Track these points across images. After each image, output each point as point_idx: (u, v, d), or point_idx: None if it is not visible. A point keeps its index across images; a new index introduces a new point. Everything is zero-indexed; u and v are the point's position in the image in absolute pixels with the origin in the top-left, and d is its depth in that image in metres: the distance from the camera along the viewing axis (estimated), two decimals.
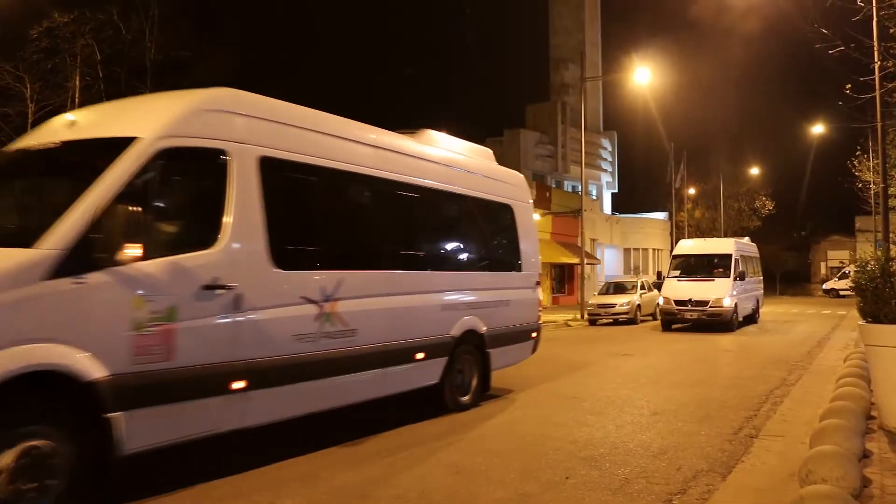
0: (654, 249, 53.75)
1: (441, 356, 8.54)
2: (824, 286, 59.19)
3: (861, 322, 7.42)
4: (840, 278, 55.33)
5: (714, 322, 21.34)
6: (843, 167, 33.80)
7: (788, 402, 9.08)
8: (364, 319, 7.16)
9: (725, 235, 56.61)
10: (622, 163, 59.05)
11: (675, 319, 22.16)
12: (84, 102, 26.95)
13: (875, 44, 14.17)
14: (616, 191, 59.62)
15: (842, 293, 52.46)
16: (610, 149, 57.55)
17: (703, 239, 30.22)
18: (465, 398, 9.00)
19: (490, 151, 11.10)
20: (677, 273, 23.46)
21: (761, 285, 27.91)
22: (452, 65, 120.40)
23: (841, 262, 57.45)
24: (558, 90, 54.51)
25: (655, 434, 7.55)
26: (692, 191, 56.71)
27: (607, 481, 5.80)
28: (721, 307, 21.28)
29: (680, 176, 48.11)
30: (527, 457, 6.68)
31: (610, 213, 55.37)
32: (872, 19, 14.23)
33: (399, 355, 7.76)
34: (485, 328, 9.28)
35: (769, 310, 35.96)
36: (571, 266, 42.51)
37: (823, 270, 69.38)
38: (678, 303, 21.86)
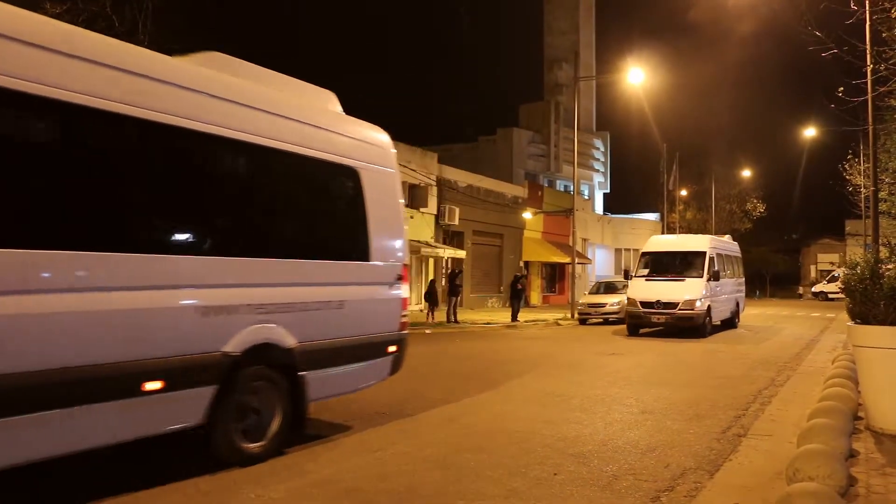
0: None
1: (203, 384, 5.76)
2: (813, 289, 59.50)
3: (850, 323, 7.45)
4: (829, 281, 55.64)
5: (684, 326, 19.54)
6: (835, 171, 34.02)
7: (777, 402, 9.12)
8: (20, 328, 4.59)
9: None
10: (615, 163, 59.25)
11: (641, 323, 20.40)
12: None
13: (867, 47, 14.24)
14: (608, 191, 59.79)
15: (831, 296, 52.73)
16: (602, 149, 57.66)
17: (675, 235, 27.43)
18: (256, 445, 6.22)
19: (332, 95, 8.18)
20: (646, 272, 21.50)
21: (742, 287, 26.16)
22: (447, 64, 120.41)
23: (831, 264, 57.70)
24: (552, 90, 54.58)
25: (644, 432, 7.57)
26: (684, 192, 56.87)
27: (595, 478, 5.81)
28: (692, 310, 19.42)
29: (673, 177, 48.23)
30: (515, 453, 6.67)
31: (602, 213, 55.50)
32: (865, 23, 14.30)
33: (101, 385, 5.01)
34: (294, 341, 6.51)
35: (757, 312, 36.17)
36: (563, 265, 42.58)
37: (813, 273, 69.71)
38: (645, 304, 20.06)
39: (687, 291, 19.76)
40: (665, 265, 21.42)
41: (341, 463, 6.23)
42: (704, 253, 20.91)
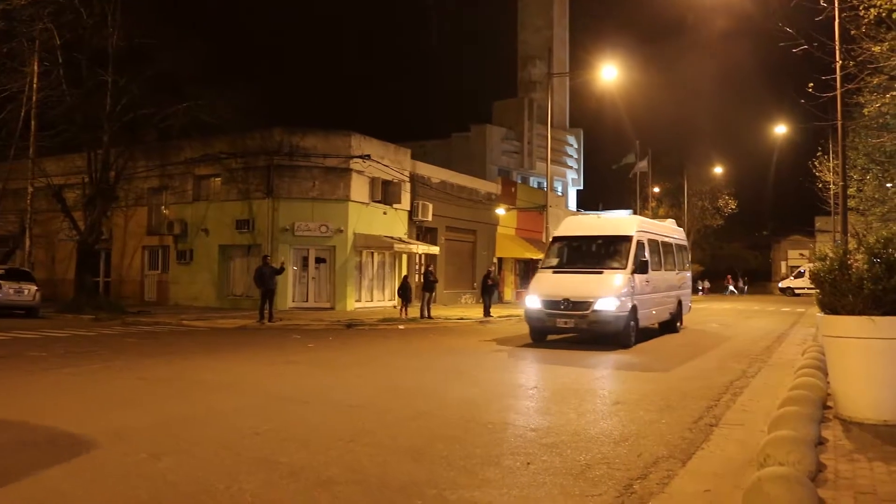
0: None
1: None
2: (780, 284, 60.30)
3: (820, 314, 7.52)
4: (796, 277, 56.48)
5: (599, 332, 15.45)
6: (805, 168, 34.47)
7: (748, 392, 9.20)
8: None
9: (689, 234, 57.60)
10: (588, 160, 59.46)
11: (545, 327, 16.10)
12: (42, 88, 26.46)
13: (836, 44, 14.43)
14: (581, 188, 60.03)
15: (797, 291, 53.50)
16: (576, 146, 57.89)
17: (597, 215, 20.68)
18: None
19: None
20: (555, 262, 17.27)
21: (688, 284, 22.16)
22: (420, 61, 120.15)
23: (801, 255, 58.42)
24: (525, 87, 54.68)
25: (617, 422, 7.59)
26: (657, 189, 57.33)
27: (568, 467, 5.80)
28: (607, 312, 15.09)
29: (639, 169, 48.53)
30: (488, 443, 6.65)
31: (575, 209, 55.74)
32: (834, 20, 14.50)
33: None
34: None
35: (728, 307, 36.56)
36: (536, 261, 42.65)
37: (784, 269, 70.56)
38: (548, 304, 15.63)
39: (603, 288, 15.40)
40: (580, 254, 17.34)
41: (315, 455, 6.16)
42: (630, 238, 16.49)
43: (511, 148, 50.21)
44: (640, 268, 16.04)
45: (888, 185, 24.79)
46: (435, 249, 33.12)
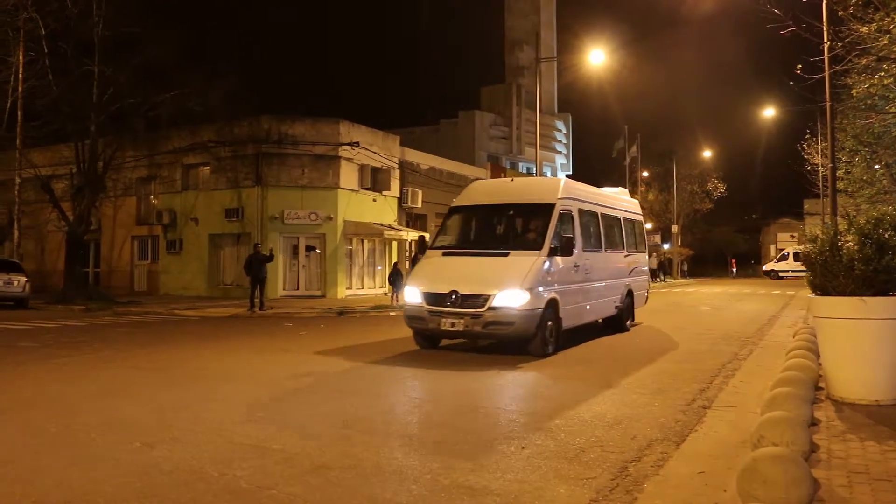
0: None
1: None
2: (764, 267, 60.58)
3: (811, 295, 7.54)
4: (779, 260, 56.80)
5: (499, 338, 11.60)
6: (794, 151, 34.54)
7: (740, 374, 9.24)
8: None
9: (678, 220, 57.81)
10: (577, 145, 59.51)
11: (427, 330, 11.96)
12: (28, 78, 26.20)
13: (824, 26, 14.42)
14: (570, 172, 60.05)
15: (781, 274, 53.77)
16: (564, 131, 57.92)
17: (508, 179, 16.03)
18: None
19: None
20: (448, 241, 13.07)
21: (643, 269, 17.79)
22: (408, 47, 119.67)
23: (792, 237, 58.70)
24: (513, 72, 54.61)
25: (610, 405, 7.61)
26: (646, 173, 57.40)
27: (563, 450, 5.82)
28: (509, 309, 11.02)
29: (630, 154, 48.57)
30: (482, 428, 6.67)
31: None
32: (822, 1, 14.49)
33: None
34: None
35: (719, 290, 36.72)
36: None
37: (773, 253, 70.95)
38: (432, 299, 11.60)
39: (506, 276, 11.31)
40: (483, 229, 13.30)
41: (309, 441, 6.15)
42: (551, 208, 12.29)
43: (499, 134, 50.16)
44: (564, 248, 11.89)
45: (876, 166, 24.85)
46: (425, 235, 33.08)
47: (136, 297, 29.13)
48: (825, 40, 14.22)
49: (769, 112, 37.05)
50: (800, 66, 14.22)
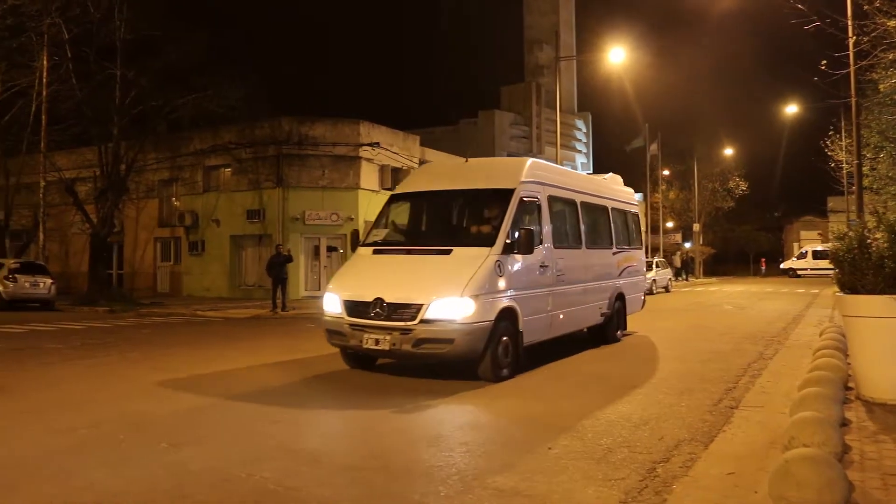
0: None
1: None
2: (782, 265, 60.08)
3: (839, 293, 7.45)
4: (799, 258, 56.33)
5: (436, 359, 9.20)
6: (817, 148, 34.15)
7: (767, 374, 9.14)
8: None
9: (699, 218, 57.38)
10: (597, 144, 59.22)
11: (350, 348, 9.62)
12: (52, 83, 26.49)
13: (849, 20, 14.26)
14: (591, 171, 59.76)
15: (800, 273, 53.29)
16: (585, 130, 57.70)
17: (463, 161, 11.68)
18: None
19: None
20: (383, 235, 10.89)
21: (637, 268, 15.33)
22: (428, 48, 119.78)
23: (819, 234, 58.11)
24: (533, 71, 54.50)
25: (636, 406, 7.56)
26: (667, 172, 57.05)
27: (590, 451, 5.78)
28: (446, 323, 8.74)
29: (650, 152, 48.29)
30: (508, 428, 6.65)
31: None
32: None
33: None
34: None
35: (741, 289, 36.41)
36: None
37: (796, 251, 70.32)
38: (353, 308, 9.34)
39: (444, 280, 9.02)
40: (426, 221, 11.18)
41: (335, 441, 6.16)
42: (509, 195, 9.92)
43: (519, 133, 50.07)
44: (523, 243, 9.39)
45: None
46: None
47: (158, 298, 29.35)
48: (850, 35, 14.07)
49: (791, 109, 36.69)
50: (824, 61, 14.10)
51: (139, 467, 5.46)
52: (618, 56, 31.13)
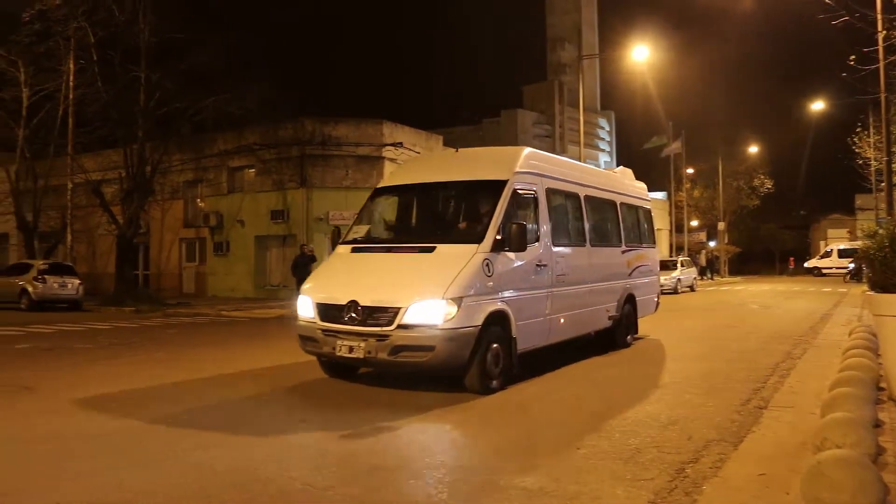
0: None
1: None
2: (806, 264, 59.44)
3: (869, 292, 7.34)
4: (823, 257, 55.72)
5: (415, 369, 8.15)
6: (844, 145, 33.76)
7: (795, 374, 9.03)
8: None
9: (724, 217, 56.89)
10: (620, 142, 58.89)
11: (324, 356, 8.78)
12: (78, 86, 26.82)
13: (878, 14, 14.05)
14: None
15: (824, 271, 52.70)
16: (608, 128, 57.44)
17: (453, 151, 10.92)
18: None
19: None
20: (364, 232, 9.96)
21: (650, 267, 14.23)
22: (450, 47, 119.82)
23: (849, 232, 57.46)
24: (555, 70, 54.31)
25: (664, 406, 7.50)
26: (691, 170, 56.63)
27: (618, 451, 5.74)
28: (426, 328, 7.87)
29: (672, 150, 47.93)
30: (535, 429, 6.63)
31: None
32: None
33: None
34: None
35: (767, 288, 36.01)
36: None
37: (823, 249, 69.51)
38: (326, 312, 8.52)
39: (425, 281, 8.20)
40: (408, 217, 10.32)
41: (363, 442, 6.17)
42: (500, 187, 9.04)
43: (542, 132, 49.95)
44: (515, 239, 8.53)
45: None
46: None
47: (184, 298, 29.61)
48: (879, 29, 13.87)
49: (818, 106, 36.27)
50: (853, 57, 13.90)
51: (167, 466, 5.50)
52: (641, 54, 30.98)
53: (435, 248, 8.57)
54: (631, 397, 7.92)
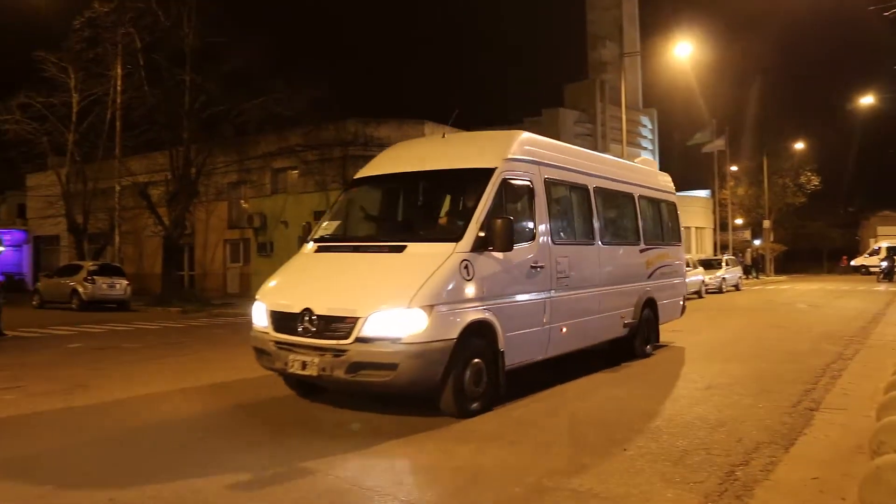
0: (696, 228, 52.90)
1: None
2: (853, 262, 58.11)
3: None
4: (871, 254, 54.51)
5: (377, 389, 6.92)
6: (894, 140, 32.89)
7: (847, 375, 8.84)
8: None
9: (769, 214, 55.89)
10: (663, 140, 58.12)
11: (276, 371, 7.53)
12: (125, 90, 27.38)
13: None
14: (657, 168, 58.74)
15: (872, 270, 51.54)
16: (650, 126, 56.68)
17: (440, 136, 9.68)
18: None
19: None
20: (335, 228, 8.87)
21: (674, 267, 12.76)
22: (490, 46, 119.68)
23: None
24: (596, 68, 53.75)
25: (712, 407, 7.39)
26: (735, 168, 55.74)
27: (666, 453, 5.68)
28: (388, 343, 6.61)
29: (716, 147, 47.20)
30: (581, 430, 6.59)
31: None
32: None
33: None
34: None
35: (816, 287, 35.29)
36: None
37: (871, 247, 67.88)
38: (279, 322, 7.32)
39: (390, 285, 7.04)
40: (382, 211, 9.18)
41: (408, 445, 6.20)
42: (486, 176, 7.81)
43: (584, 131, 49.49)
44: (500, 237, 7.22)
45: None
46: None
47: (228, 299, 30.00)
48: None
49: (867, 100, 35.45)
50: None
51: (214, 466, 5.57)
52: (684, 50, 30.57)
53: (405, 247, 7.40)
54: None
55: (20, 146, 29.47)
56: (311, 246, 8.38)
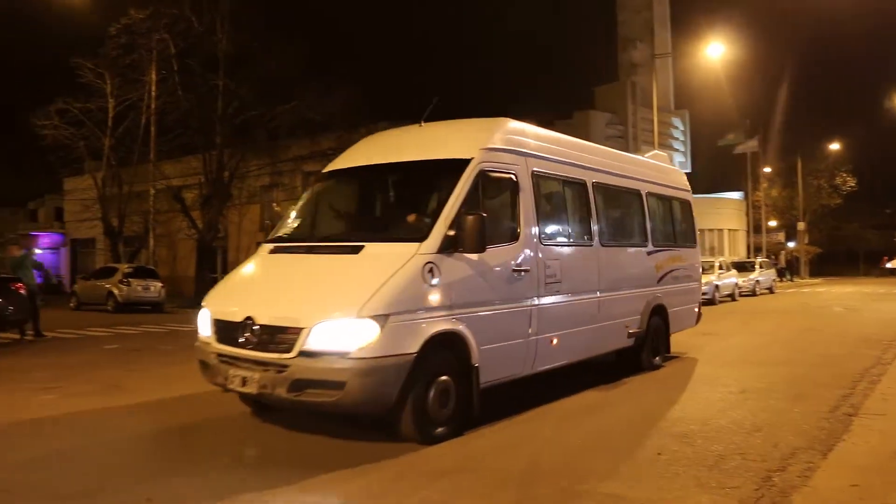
0: (729, 230, 52.40)
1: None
2: (887, 265, 57.15)
3: None
4: None
5: (324, 410, 6.09)
6: None
7: (887, 380, 8.71)
8: None
9: (804, 216, 55.08)
10: (695, 142, 57.59)
11: (217, 381, 6.51)
12: (160, 95, 27.80)
13: None
14: (689, 171, 58.19)
15: None
16: (682, 128, 56.27)
17: (417, 126, 8.03)
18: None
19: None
20: (295, 227, 7.88)
21: (690, 270, 11.66)
22: (520, 48, 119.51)
23: None
24: (627, 70, 53.52)
25: (747, 411, 7.30)
26: (768, 169, 55.08)
27: (701, 458, 5.62)
28: (335, 358, 5.73)
29: (749, 148, 46.67)
30: (616, 433, 6.56)
31: None
32: None
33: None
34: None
35: (852, 290, 34.70)
36: None
37: None
38: (223, 333, 6.49)
39: (340, 291, 6.16)
40: (348, 209, 8.36)
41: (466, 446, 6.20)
42: (461, 168, 6.82)
43: (615, 133, 49.28)
44: (470, 236, 6.35)
45: None
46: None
47: None
48: None
49: None
50: None
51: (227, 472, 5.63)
52: (716, 50, 30.33)
53: (362, 247, 6.52)
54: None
55: (58, 151, 29.99)
56: (267, 247, 7.49)
